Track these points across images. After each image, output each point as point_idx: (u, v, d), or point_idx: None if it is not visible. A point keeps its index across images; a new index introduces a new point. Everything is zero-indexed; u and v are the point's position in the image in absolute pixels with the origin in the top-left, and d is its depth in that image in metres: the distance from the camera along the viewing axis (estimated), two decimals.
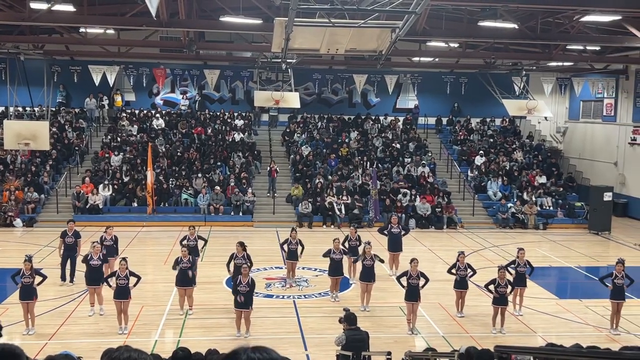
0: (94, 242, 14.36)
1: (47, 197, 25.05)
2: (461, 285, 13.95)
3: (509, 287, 13.20)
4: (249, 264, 13.57)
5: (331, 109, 32.56)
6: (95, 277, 13.50)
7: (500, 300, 12.98)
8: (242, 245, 14.17)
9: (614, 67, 28.54)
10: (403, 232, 17.78)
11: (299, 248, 15.83)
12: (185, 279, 13.59)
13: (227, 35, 26.88)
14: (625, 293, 13.33)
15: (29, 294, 12.34)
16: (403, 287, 13.16)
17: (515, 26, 20.29)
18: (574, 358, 5.92)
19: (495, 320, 13.07)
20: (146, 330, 12.78)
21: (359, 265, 15.17)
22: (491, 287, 13.07)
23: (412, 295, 12.86)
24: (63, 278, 15.79)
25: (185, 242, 15.68)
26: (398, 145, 29.67)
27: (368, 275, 14.27)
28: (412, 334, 12.78)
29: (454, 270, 14.03)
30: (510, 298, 13.66)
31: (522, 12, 20.50)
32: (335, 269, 15.00)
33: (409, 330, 12.89)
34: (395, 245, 17.40)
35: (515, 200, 26.36)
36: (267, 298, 14.93)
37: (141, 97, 31.60)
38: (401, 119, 32.27)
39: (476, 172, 28.19)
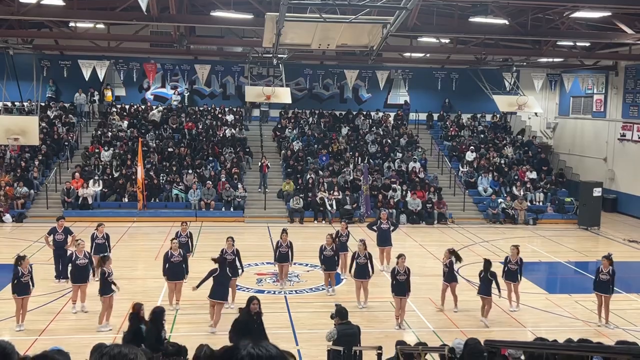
0: (77, 240, 14.20)
1: (36, 193, 24.91)
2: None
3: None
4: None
5: (322, 105, 32.54)
6: (81, 275, 13.40)
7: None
8: (232, 240, 14.27)
9: (604, 63, 28.67)
10: (392, 228, 17.81)
11: (290, 252, 15.51)
12: (176, 273, 13.66)
13: (218, 30, 26.80)
14: (615, 288, 13.41)
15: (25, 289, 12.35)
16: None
17: (506, 22, 20.35)
18: (563, 352, 5.97)
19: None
20: None
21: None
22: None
23: (400, 290, 12.92)
24: (58, 277, 15.66)
25: (176, 239, 15.67)
26: (390, 141, 29.70)
27: (362, 273, 14.21)
28: (400, 329, 12.84)
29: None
30: (505, 295, 14.03)
31: (513, 8, 20.55)
32: (329, 265, 15.10)
33: (396, 325, 12.96)
34: (384, 241, 17.43)
35: (505, 195, 26.47)
36: (258, 293, 14.90)
37: (131, 92, 31.45)
38: (392, 114, 32.30)
39: (467, 168, 28.28)
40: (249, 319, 10.05)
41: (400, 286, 12.91)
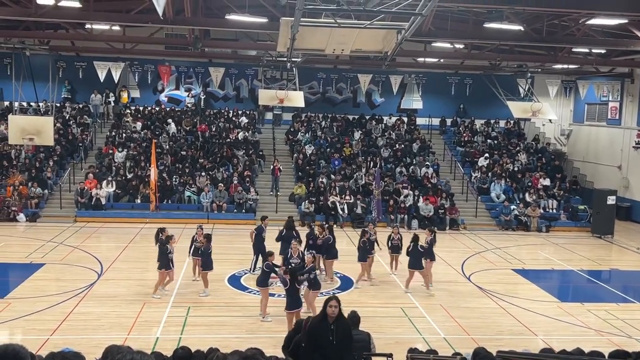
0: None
1: (50, 193, 25.10)
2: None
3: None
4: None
5: (335, 109, 32.55)
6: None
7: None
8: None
9: (620, 70, 28.46)
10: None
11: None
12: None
13: (232, 33, 26.87)
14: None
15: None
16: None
17: (521, 28, 20.25)
18: None
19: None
20: (147, 327, 12.79)
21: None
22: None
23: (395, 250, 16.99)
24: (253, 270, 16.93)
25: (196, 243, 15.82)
26: (402, 146, 29.65)
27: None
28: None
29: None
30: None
31: (528, 14, 20.43)
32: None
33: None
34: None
35: (518, 202, 26.32)
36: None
37: (146, 94, 31.65)
38: (405, 119, 32.23)
39: (479, 174, 28.14)
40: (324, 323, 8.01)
41: (395, 248, 16.97)
